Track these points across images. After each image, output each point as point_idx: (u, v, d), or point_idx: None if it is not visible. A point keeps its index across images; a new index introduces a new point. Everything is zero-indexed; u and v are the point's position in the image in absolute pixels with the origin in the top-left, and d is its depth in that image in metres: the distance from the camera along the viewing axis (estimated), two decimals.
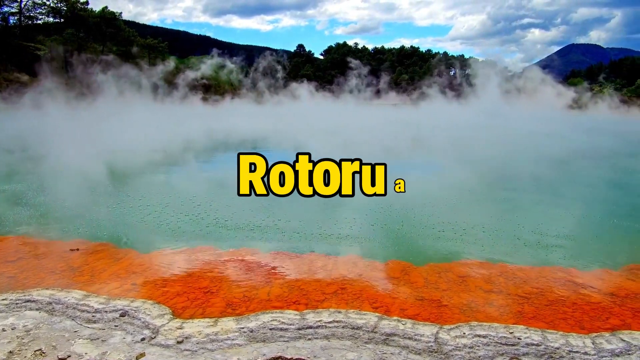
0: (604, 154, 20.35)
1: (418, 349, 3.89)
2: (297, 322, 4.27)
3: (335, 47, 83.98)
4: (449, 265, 6.35)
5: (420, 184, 12.21)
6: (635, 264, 6.59)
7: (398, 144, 20.01)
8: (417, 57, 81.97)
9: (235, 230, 7.81)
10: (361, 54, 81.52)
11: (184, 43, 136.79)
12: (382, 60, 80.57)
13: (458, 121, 33.39)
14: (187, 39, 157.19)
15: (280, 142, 20.25)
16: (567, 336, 4.15)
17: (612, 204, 10.86)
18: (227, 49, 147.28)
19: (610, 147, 22.86)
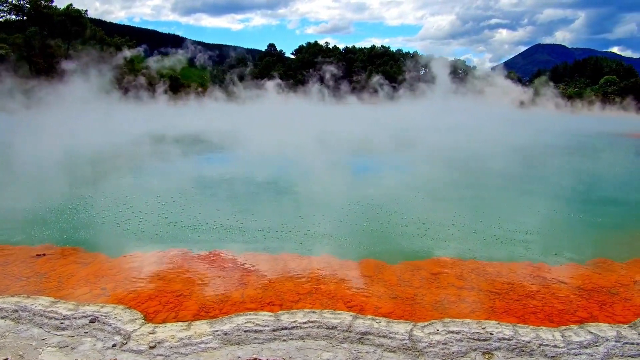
0: (556, 150, 20.95)
1: (393, 347, 3.91)
2: (271, 324, 4.24)
3: (306, 47, 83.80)
4: (421, 263, 6.41)
5: (391, 183, 12.34)
6: (600, 257, 6.78)
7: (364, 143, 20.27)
8: (387, 56, 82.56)
9: (207, 232, 7.71)
10: (332, 53, 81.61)
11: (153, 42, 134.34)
12: (353, 59, 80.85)
13: (418, 120, 34.06)
14: (156, 38, 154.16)
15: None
16: (537, 330, 4.23)
17: (577, 200, 11.16)
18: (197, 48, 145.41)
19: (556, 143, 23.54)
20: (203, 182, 12.29)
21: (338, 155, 17.47)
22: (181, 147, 19.42)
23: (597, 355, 3.83)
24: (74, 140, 19.32)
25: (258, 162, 15.62)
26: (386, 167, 15.90)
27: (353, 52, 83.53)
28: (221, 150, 19.21)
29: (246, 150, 18.44)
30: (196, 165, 15.52)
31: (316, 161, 15.98)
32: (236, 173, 13.55)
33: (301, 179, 12.99)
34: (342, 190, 11.09)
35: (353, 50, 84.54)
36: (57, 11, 54.41)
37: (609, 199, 11.32)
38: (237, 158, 16.91)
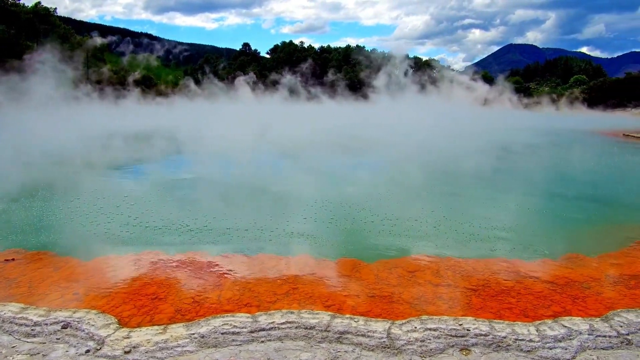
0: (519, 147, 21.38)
1: (371, 346, 3.91)
2: (249, 325, 4.20)
3: (281, 46, 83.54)
4: (398, 261, 6.44)
5: (367, 181, 12.40)
6: (572, 253, 6.93)
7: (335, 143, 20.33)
8: (363, 56, 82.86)
9: (181, 233, 7.59)
10: (307, 53, 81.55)
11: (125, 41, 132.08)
12: (329, 59, 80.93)
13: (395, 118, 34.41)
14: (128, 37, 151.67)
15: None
16: (513, 325, 4.29)
17: (549, 195, 11.39)
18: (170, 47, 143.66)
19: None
20: (173, 182, 12.09)
21: (307, 154, 17.50)
22: (147, 147, 19.06)
23: (571, 348, 3.90)
24: (36, 139, 18.93)
25: (228, 162, 15.50)
26: (352, 165, 15.97)
27: (328, 52, 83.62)
28: (188, 150, 18.88)
29: (214, 150, 18.23)
30: (164, 166, 15.28)
31: (285, 160, 15.98)
32: (206, 173, 13.39)
33: (273, 179, 12.95)
34: (316, 189, 11.07)
35: (328, 50, 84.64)
36: (25, 9, 53.05)
37: (578, 195, 11.57)
38: (205, 158, 16.60)
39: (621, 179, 14.72)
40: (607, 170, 16.66)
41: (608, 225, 8.68)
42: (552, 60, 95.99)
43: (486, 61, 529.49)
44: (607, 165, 18.16)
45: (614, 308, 4.82)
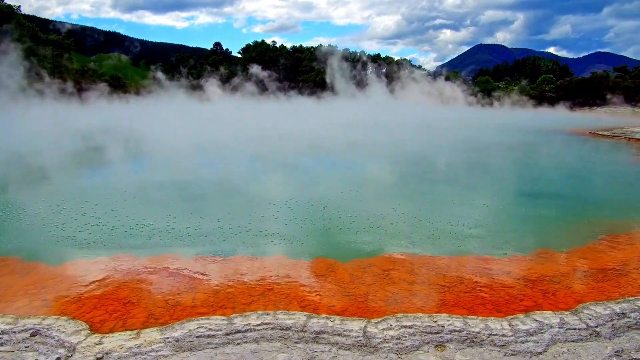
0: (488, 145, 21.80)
1: (348, 345, 3.92)
2: (224, 328, 4.16)
3: (253, 46, 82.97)
4: (373, 260, 6.48)
5: (340, 181, 12.43)
6: (543, 248, 7.08)
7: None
8: (344, 56, 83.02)
9: (154, 236, 7.46)
10: (279, 52, 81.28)
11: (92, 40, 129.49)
12: (301, 59, 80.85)
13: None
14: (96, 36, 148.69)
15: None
16: (486, 320, 4.36)
17: (518, 192, 11.62)
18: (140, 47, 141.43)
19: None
20: (142, 184, 11.85)
21: (279, 154, 17.46)
22: (108, 147, 18.57)
23: (543, 341, 3.99)
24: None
25: (197, 163, 15.31)
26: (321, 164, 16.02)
27: (300, 51, 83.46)
28: (156, 150, 18.41)
29: (184, 150, 17.95)
30: (132, 167, 14.94)
31: (257, 160, 15.93)
32: (176, 175, 13.16)
33: (245, 179, 12.87)
34: (288, 190, 11.06)
35: (300, 50, 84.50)
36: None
37: (547, 192, 11.84)
38: (174, 159, 16.25)
39: (588, 175, 15.13)
40: (574, 167, 17.09)
41: (576, 221, 8.89)
42: (521, 60, 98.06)
43: (457, 61, 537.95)
44: (574, 162, 18.62)
45: (583, 301, 4.94)
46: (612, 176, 15.06)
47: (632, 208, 10.27)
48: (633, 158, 19.81)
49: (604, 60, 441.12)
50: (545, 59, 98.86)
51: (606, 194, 11.95)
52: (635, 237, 7.72)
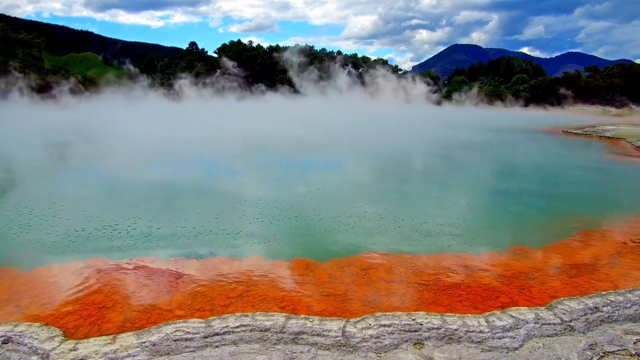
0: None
1: (327, 345, 3.92)
2: (202, 330, 4.11)
3: (229, 45, 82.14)
4: (351, 260, 6.49)
5: (316, 181, 12.43)
6: (518, 245, 7.20)
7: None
8: (312, 55, 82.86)
9: (129, 239, 7.34)
10: (256, 52, 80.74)
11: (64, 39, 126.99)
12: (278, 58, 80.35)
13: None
14: (68, 35, 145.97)
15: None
16: (464, 317, 4.40)
17: (493, 190, 11.78)
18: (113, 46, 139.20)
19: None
20: (114, 186, 11.64)
21: (254, 154, 17.39)
22: (80, 149, 18.17)
23: (519, 337, 4.05)
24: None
25: (170, 164, 15.12)
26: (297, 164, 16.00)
27: (277, 51, 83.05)
28: (124, 151, 17.93)
29: (158, 152, 17.66)
30: (102, 169, 14.56)
31: (230, 161, 15.82)
32: (149, 176, 12.97)
33: (220, 180, 12.78)
34: (264, 190, 11.01)
35: (277, 49, 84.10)
36: None
37: (522, 190, 12.03)
38: (147, 161, 15.97)
39: (561, 173, 15.41)
40: (548, 165, 17.39)
41: (550, 218, 9.05)
42: (495, 60, 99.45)
43: (433, 61, 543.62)
44: (547, 160, 18.94)
45: (557, 297, 5.03)
46: (584, 173, 15.38)
47: (604, 204, 10.50)
48: (604, 155, 20.27)
49: (575, 60, 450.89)
50: (519, 59, 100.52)
51: (579, 191, 12.20)
52: (607, 233, 7.90)
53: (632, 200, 10.93)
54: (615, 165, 17.54)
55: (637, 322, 4.38)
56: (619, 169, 16.54)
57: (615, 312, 4.54)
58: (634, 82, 67.45)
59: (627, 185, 13.29)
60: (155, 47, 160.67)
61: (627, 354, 3.82)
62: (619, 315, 4.48)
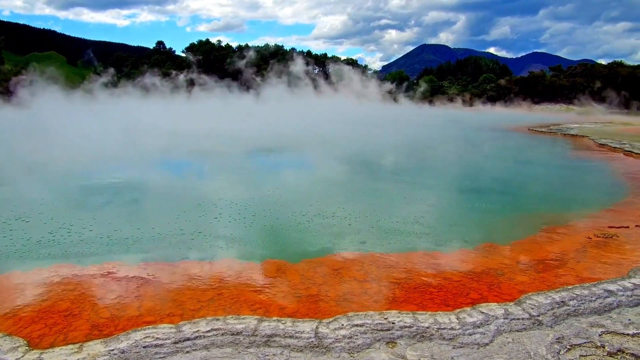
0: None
1: (300, 346, 3.89)
2: (172, 336, 4.04)
3: (197, 44, 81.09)
4: (323, 260, 6.48)
5: (286, 181, 12.39)
6: (487, 242, 7.31)
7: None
8: (281, 55, 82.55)
9: (95, 243, 7.12)
10: (225, 51, 79.96)
11: (26, 38, 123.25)
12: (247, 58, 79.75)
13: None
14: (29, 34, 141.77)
15: None
16: (435, 315, 4.44)
17: (462, 188, 11.96)
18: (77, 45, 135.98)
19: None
20: (78, 188, 11.35)
21: (215, 155, 17.23)
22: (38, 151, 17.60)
23: (489, 332, 4.10)
24: None
25: (136, 166, 14.84)
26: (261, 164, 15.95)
27: (247, 51, 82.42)
28: (83, 153, 17.35)
29: (116, 153, 17.20)
30: (64, 170, 14.13)
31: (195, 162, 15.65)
32: (111, 179, 12.69)
33: (185, 182, 12.61)
34: (234, 191, 10.89)
35: (247, 49, 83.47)
36: None
37: (490, 188, 12.26)
38: (109, 162, 15.45)
39: (528, 170, 15.75)
40: (515, 162, 17.76)
41: (518, 215, 9.25)
42: (463, 60, 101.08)
43: (402, 60, 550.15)
44: (514, 158, 19.35)
45: (526, 292, 5.12)
46: (550, 170, 15.77)
47: (569, 201, 10.78)
48: (569, 153, 20.83)
49: (540, 60, 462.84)
50: (486, 59, 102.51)
51: (545, 188, 12.49)
52: (572, 229, 8.10)
53: (596, 196, 11.25)
54: (579, 162, 18.05)
55: (602, 315, 4.50)
56: (583, 165, 17.02)
57: (581, 305, 4.65)
58: (596, 81, 69.50)
59: (591, 181, 13.67)
60: (121, 47, 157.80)
61: (592, 346, 3.92)
62: (585, 309, 4.59)
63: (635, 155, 17.56)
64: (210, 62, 72.31)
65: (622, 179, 13.09)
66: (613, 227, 7.99)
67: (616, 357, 3.77)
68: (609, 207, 9.65)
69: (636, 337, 4.07)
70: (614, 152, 19.26)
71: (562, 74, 75.96)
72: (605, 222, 8.34)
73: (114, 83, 55.58)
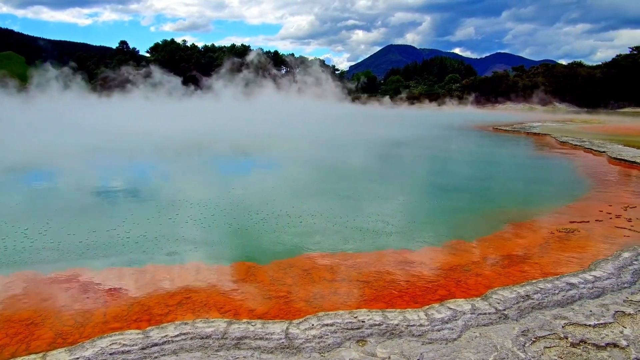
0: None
1: (270, 348, 3.87)
2: (140, 342, 3.96)
3: (162, 45, 79.84)
4: (293, 260, 6.47)
5: (256, 181, 12.32)
6: (455, 239, 7.44)
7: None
8: (242, 54, 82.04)
9: (58, 250, 6.90)
10: (191, 52, 79.05)
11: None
12: (213, 58, 79.12)
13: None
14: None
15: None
16: (404, 312, 4.49)
17: (429, 187, 12.13)
18: (37, 45, 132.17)
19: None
20: (38, 192, 11.02)
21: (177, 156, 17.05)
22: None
23: (457, 328, 4.17)
24: None
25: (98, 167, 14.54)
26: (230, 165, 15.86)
27: (213, 51, 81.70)
28: (36, 155, 16.76)
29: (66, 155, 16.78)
30: (23, 174, 13.72)
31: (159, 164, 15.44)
32: (69, 181, 12.36)
33: (148, 183, 12.41)
34: (201, 192, 10.77)
35: (213, 49, 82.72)
36: None
37: (456, 186, 12.47)
38: (65, 165, 15.05)
39: (494, 168, 16.10)
40: (480, 160, 18.13)
41: (484, 212, 9.43)
42: (429, 60, 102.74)
43: (369, 61, 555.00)
44: (480, 156, 19.76)
45: (492, 287, 5.23)
46: (514, 168, 16.17)
47: (533, 197, 11.08)
48: (532, 150, 21.39)
49: (503, 60, 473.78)
50: (451, 59, 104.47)
51: (510, 185, 12.79)
52: (535, 224, 8.31)
53: (558, 192, 11.58)
54: (542, 159, 18.56)
55: (565, 307, 4.62)
56: (546, 163, 17.51)
57: (544, 298, 4.78)
58: (557, 81, 71.60)
59: (553, 178, 14.05)
60: (82, 46, 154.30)
61: (556, 337, 4.03)
62: (548, 302, 4.72)
63: (595, 153, 18.16)
64: (176, 62, 71.28)
65: (583, 175, 13.52)
66: (575, 222, 8.24)
67: (579, 347, 3.88)
68: (571, 203, 9.95)
69: (597, 327, 4.21)
70: (575, 149, 19.87)
71: (525, 74, 78.05)
72: (568, 218, 8.59)
73: (66, 83, 54.34)
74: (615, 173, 14.00)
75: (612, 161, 15.91)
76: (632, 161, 15.02)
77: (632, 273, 5.50)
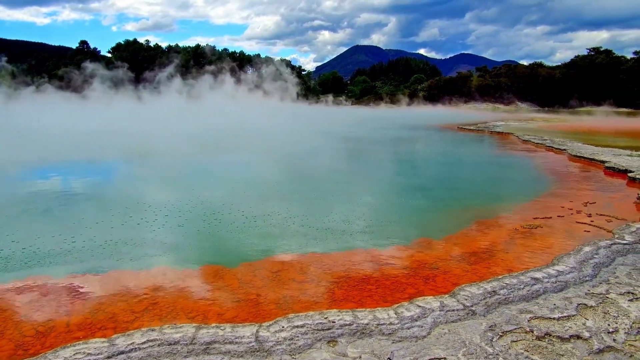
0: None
1: (240, 352, 3.83)
2: (105, 350, 3.85)
3: (124, 44, 77.95)
4: (262, 263, 6.41)
5: (222, 184, 12.18)
6: (422, 237, 7.52)
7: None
8: (214, 56, 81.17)
9: (15, 258, 6.62)
10: (154, 51, 77.48)
11: None
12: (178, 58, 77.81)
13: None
14: None
15: None
16: (374, 311, 4.51)
17: (396, 187, 12.25)
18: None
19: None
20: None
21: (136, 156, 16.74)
22: None
23: (426, 325, 4.21)
24: None
25: (57, 170, 14.12)
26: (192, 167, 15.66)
27: (177, 51, 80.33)
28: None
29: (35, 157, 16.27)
30: None
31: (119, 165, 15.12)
32: (28, 185, 11.98)
33: (110, 186, 12.13)
34: (165, 195, 10.56)
35: (177, 49, 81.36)
36: None
37: (423, 185, 12.63)
38: (22, 166, 14.54)
39: (459, 167, 16.38)
40: (446, 160, 18.40)
41: (450, 210, 9.57)
42: (395, 61, 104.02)
43: (335, 61, 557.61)
44: (445, 154, 20.06)
45: (459, 284, 5.31)
46: (478, 166, 16.50)
47: (498, 195, 11.33)
48: (496, 149, 21.86)
49: (467, 61, 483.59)
50: (416, 60, 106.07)
51: (475, 183, 13.03)
52: (500, 222, 8.49)
53: (521, 189, 11.87)
54: (506, 158, 18.99)
55: (530, 302, 4.73)
56: (509, 161, 17.92)
57: (510, 294, 4.88)
58: (518, 81, 73.46)
59: (517, 176, 14.40)
60: (40, 46, 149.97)
61: (522, 331, 4.12)
62: (514, 297, 4.82)
63: (556, 151, 18.72)
64: (139, 62, 69.85)
65: (545, 173, 13.91)
66: (538, 219, 8.45)
67: (544, 340, 3.97)
68: (534, 200, 10.21)
69: (561, 320, 4.32)
70: (537, 147, 20.43)
71: (488, 74, 79.82)
72: (531, 214, 8.81)
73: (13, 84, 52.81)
74: (575, 170, 14.45)
75: (573, 158, 16.43)
76: (591, 158, 15.54)
77: (593, 266, 5.67)
